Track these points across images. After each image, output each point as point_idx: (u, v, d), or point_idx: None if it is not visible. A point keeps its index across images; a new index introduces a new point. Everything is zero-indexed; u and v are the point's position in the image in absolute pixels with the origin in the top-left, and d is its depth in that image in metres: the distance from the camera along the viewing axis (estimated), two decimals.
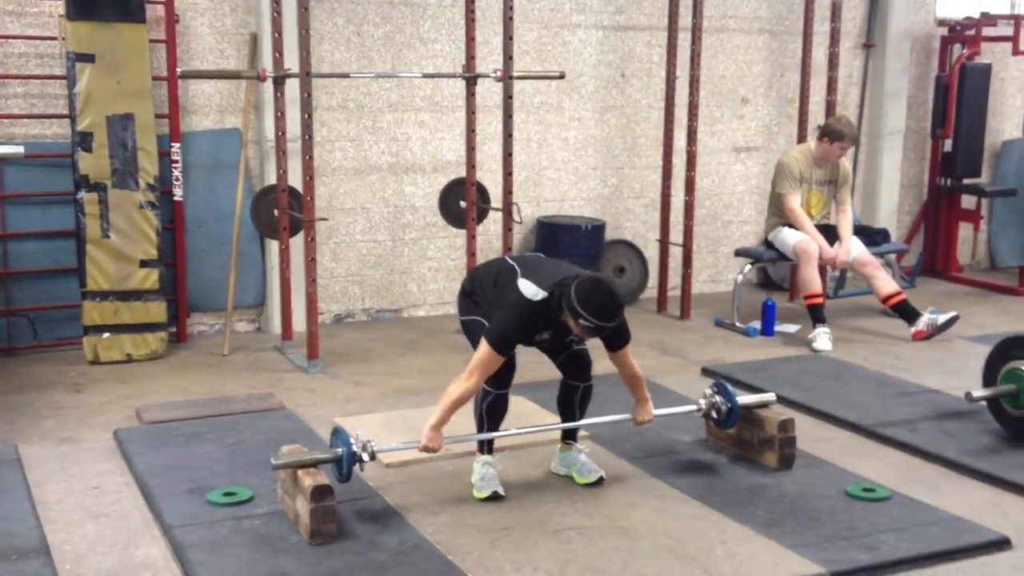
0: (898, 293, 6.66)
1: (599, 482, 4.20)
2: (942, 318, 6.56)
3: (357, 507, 3.94)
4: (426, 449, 3.93)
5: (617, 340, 4.01)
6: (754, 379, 5.52)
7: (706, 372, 5.83)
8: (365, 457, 3.82)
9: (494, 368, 3.88)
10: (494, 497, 4.04)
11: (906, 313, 6.62)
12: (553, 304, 3.83)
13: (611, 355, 4.07)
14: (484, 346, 3.84)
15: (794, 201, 6.68)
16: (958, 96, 8.20)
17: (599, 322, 3.72)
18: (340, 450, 3.81)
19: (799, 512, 3.96)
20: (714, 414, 4.43)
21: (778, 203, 6.81)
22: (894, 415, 5.06)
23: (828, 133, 6.66)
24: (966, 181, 8.52)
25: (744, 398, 4.47)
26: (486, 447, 4.16)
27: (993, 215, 9.09)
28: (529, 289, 3.87)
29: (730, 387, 4.44)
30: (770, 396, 4.57)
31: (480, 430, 4.13)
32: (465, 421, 4.13)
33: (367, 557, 3.57)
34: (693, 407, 4.48)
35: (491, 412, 4.08)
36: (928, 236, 8.78)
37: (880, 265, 6.74)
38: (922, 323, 6.55)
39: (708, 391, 4.47)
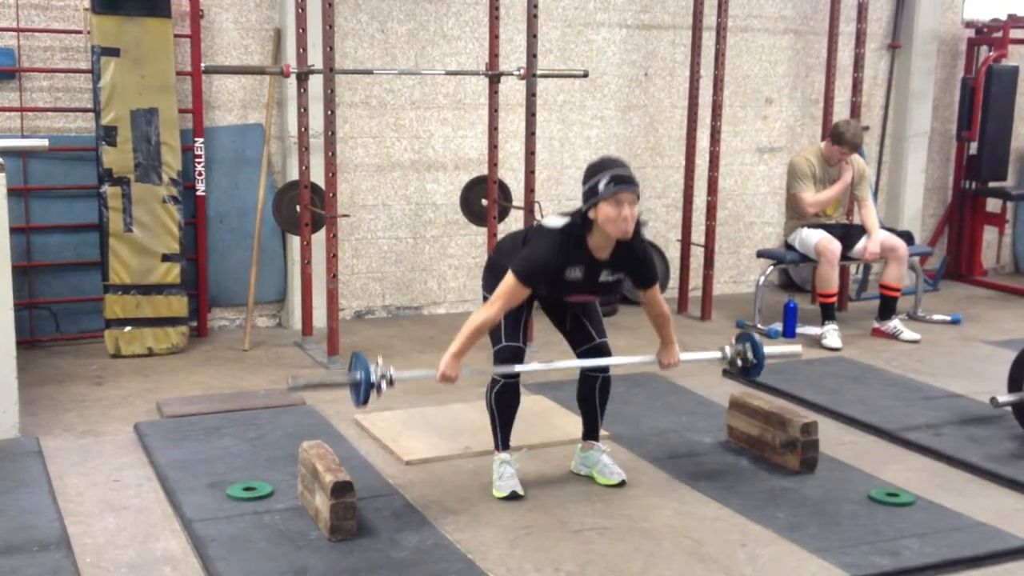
0: (896, 289, 6.71)
1: (621, 484, 4.19)
2: (906, 334, 6.63)
3: (377, 504, 3.94)
4: (444, 377, 3.90)
5: (647, 276, 4.09)
6: (776, 381, 5.48)
7: (727, 373, 5.80)
8: (384, 386, 3.81)
9: (519, 299, 3.87)
10: (512, 497, 4.03)
11: (886, 309, 6.75)
12: (576, 223, 3.86)
13: (642, 294, 4.14)
14: (510, 276, 3.83)
15: (810, 194, 6.66)
16: (984, 98, 8.14)
17: (621, 169, 3.79)
18: (359, 375, 3.80)
19: (821, 516, 3.93)
20: (739, 362, 4.36)
21: (795, 204, 6.78)
22: (918, 419, 5.02)
23: (832, 134, 6.69)
24: (991, 184, 8.45)
25: (770, 349, 4.40)
26: (502, 443, 4.14)
27: (1018, 219, 9.01)
28: (551, 222, 3.93)
29: (756, 336, 4.39)
30: (796, 348, 4.54)
31: (492, 424, 4.13)
32: (483, 418, 4.12)
33: (387, 554, 3.56)
34: (718, 354, 4.40)
35: (500, 402, 4.06)
36: (952, 239, 8.72)
37: (906, 258, 6.72)
38: (889, 326, 6.70)
39: (733, 341, 4.41)
